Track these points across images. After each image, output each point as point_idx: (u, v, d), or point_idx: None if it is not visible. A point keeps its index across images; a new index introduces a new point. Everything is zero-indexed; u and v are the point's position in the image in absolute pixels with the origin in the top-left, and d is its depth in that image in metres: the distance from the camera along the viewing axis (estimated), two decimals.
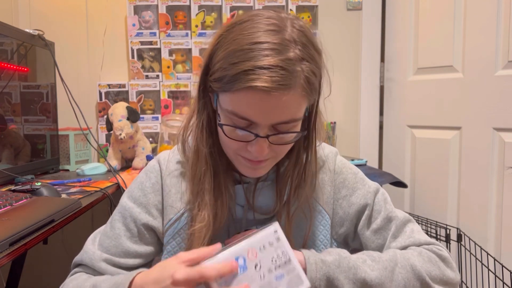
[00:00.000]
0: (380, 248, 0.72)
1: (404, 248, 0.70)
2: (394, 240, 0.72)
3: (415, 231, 0.72)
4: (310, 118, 0.68)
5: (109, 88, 1.87)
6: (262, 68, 0.54)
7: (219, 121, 0.62)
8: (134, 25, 1.87)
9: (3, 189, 1.15)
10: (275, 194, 0.70)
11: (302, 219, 0.71)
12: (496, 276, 1.33)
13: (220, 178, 0.68)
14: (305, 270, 0.59)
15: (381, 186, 0.78)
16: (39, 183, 1.11)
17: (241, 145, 0.62)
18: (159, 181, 0.74)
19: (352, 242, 0.77)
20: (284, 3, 1.91)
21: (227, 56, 0.57)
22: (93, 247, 0.72)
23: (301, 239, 0.71)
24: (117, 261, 0.70)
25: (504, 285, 1.30)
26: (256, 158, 0.62)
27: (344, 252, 0.65)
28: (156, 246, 0.75)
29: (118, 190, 1.34)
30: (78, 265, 0.75)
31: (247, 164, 0.64)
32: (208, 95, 0.66)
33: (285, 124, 0.59)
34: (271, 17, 0.59)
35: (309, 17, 1.94)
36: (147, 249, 0.73)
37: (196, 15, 1.87)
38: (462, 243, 1.53)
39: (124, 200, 0.75)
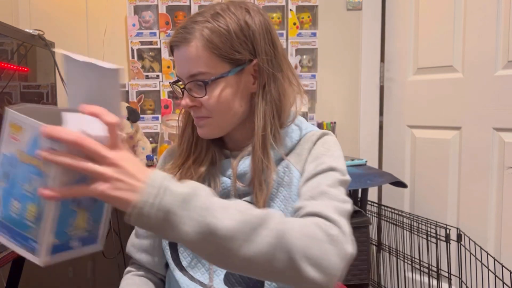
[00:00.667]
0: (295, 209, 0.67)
1: (307, 214, 0.62)
2: (309, 201, 0.65)
3: (329, 205, 0.62)
4: (260, 81, 0.73)
5: None
6: (174, 32, 0.73)
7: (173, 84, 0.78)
8: (134, 25, 1.87)
9: None
10: (251, 164, 0.75)
11: (275, 182, 0.74)
12: (496, 276, 1.33)
13: (199, 145, 0.79)
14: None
15: (381, 186, 0.79)
16: None
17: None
18: (164, 161, 0.87)
19: None
20: (284, 3, 1.91)
21: None
22: (132, 236, 0.87)
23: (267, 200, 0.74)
24: (145, 244, 0.83)
25: (504, 285, 1.30)
26: (193, 113, 0.75)
27: (206, 190, 0.55)
28: None
29: None
30: (131, 262, 0.88)
31: (195, 123, 0.77)
32: None
33: (196, 76, 0.71)
34: (218, 4, 0.74)
35: (309, 17, 1.94)
36: None
37: None
38: (462, 243, 1.53)
39: None
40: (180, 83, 0.75)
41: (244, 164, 0.76)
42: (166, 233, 0.51)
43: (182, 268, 0.78)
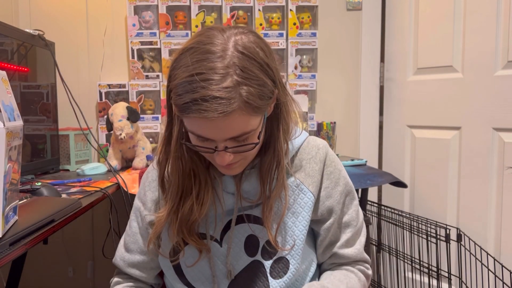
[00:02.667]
0: (332, 241, 0.82)
1: (350, 258, 0.83)
2: (347, 247, 0.82)
3: (362, 244, 0.84)
4: (275, 121, 0.73)
5: (109, 88, 1.87)
6: (200, 100, 0.60)
7: (183, 139, 0.70)
8: (134, 25, 1.87)
9: None
10: (259, 181, 0.75)
11: (282, 202, 0.77)
12: (496, 276, 1.33)
13: (192, 175, 0.74)
14: None
15: (381, 186, 0.81)
16: (39, 183, 1.11)
17: (209, 156, 0.70)
18: (155, 178, 0.81)
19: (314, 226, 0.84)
20: (284, 3, 1.91)
21: (175, 87, 0.63)
22: (121, 249, 0.86)
23: (278, 218, 0.76)
24: (137, 259, 0.83)
25: (504, 285, 1.30)
26: (221, 164, 0.68)
27: None
28: None
29: (118, 190, 1.35)
30: (116, 271, 0.88)
31: (220, 167, 0.71)
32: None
33: (239, 137, 0.65)
34: (214, 42, 0.63)
35: (309, 17, 1.94)
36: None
37: (196, 15, 1.88)
38: (462, 243, 1.53)
39: (135, 200, 0.86)
40: (211, 144, 0.66)
41: (254, 180, 0.76)
42: None
43: (187, 283, 0.79)
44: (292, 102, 0.75)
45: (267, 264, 0.77)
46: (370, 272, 0.85)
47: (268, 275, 0.77)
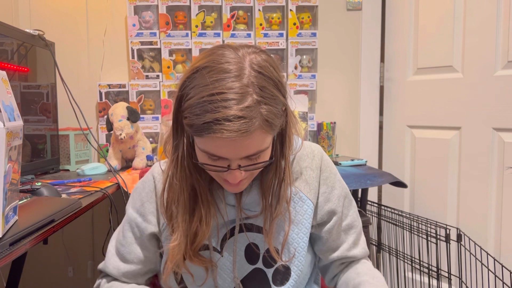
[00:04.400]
0: (338, 244, 0.84)
1: (360, 257, 0.85)
2: (354, 248, 0.84)
3: (364, 241, 0.87)
4: (280, 137, 0.73)
5: (109, 88, 1.87)
6: (223, 119, 0.59)
7: (194, 159, 0.69)
8: (134, 25, 1.87)
9: None
10: (260, 195, 0.76)
11: (285, 217, 0.77)
12: (496, 276, 1.33)
13: (198, 196, 0.73)
14: None
15: (381, 186, 0.81)
16: (39, 183, 1.11)
17: (218, 174, 0.69)
18: (152, 189, 0.80)
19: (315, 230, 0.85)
20: (284, 3, 1.91)
21: (191, 106, 0.62)
22: (113, 257, 0.82)
23: (283, 232, 0.77)
24: (132, 269, 0.81)
25: (504, 285, 1.30)
26: (233, 182, 0.68)
27: None
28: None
29: (118, 190, 1.35)
30: (104, 275, 0.85)
31: (228, 184, 0.71)
32: (183, 132, 0.70)
33: (253, 155, 0.65)
34: (229, 61, 0.62)
35: (309, 17, 1.94)
36: (156, 253, 0.82)
37: (196, 15, 1.88)
38: (462, 243, 1.53)
39: (129, 210, 0.83)
40: (223, 163, 0.66)
41: (251, 193, 0.76)
42: None
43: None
44: (294, 117, 0.74)
45: (269, 272, 0.78)
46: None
47: (271, 282, 0.78)
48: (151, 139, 1.87)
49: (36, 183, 1.10)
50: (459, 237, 1.54)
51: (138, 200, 0.81)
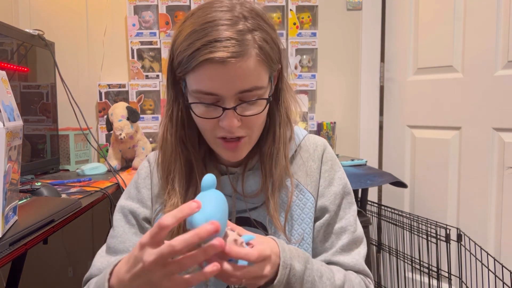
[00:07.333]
0: (324, 248, 0.76)
1: (346, 266, 0.74)
2: (343, 254, 0.74)
3: (361, 255, 0.76)
4: (276, 88, 0.71)
5: (109, 88, 1.87)
6: (215, 41, 0.58)
7: (187, 101, 0.66)
8: (134, 25, 1.87)
9: None
10: (261, 177, 0.73)
11: (285, 199, 0.74)
12: (496, 276, 1.33)
13: (194, 167, 0.72)
14: (276, 272, 0.61)
15: (381, 186, 0.79)
16: (39, 183, 1.11)
17: (214, 123, 0.65)
18: (148, 175, 0.79)
19: None
20: (284, 3, 1.91)
21: (184, 40, 0.61)
22: (100, 257, 0.76)
23: (284, 213, 0.74)
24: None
25: (504, 285, 1.30)
26: (230, 133, 0.65)
27: (309, 262, 0.66)
28: None
29: (118, 190, 1.34)
30: (87, 280, 0.78)
31: (226, 147, 0.67)
32: (178, 86, 0.70)
33: (249, 92, 0.62)
34: (223, 2, 0.63)
35: (309, 17, 1.94)
36: None
37: None
38: (462, 243, 1.53)
39: (122, 201, 0.80)
40: (215, 100, 0.63)
41: (252, 180, 0.73)
42: None
43: None
44: (289, 86, 0.73)
45: None
46: (371, 287, 0.76)
47: None
48: (151, 139, 1.87)
49: (36, 183, 1.10)
50: (459, 237, 1.54)
51: (134, 188, 0.79)
